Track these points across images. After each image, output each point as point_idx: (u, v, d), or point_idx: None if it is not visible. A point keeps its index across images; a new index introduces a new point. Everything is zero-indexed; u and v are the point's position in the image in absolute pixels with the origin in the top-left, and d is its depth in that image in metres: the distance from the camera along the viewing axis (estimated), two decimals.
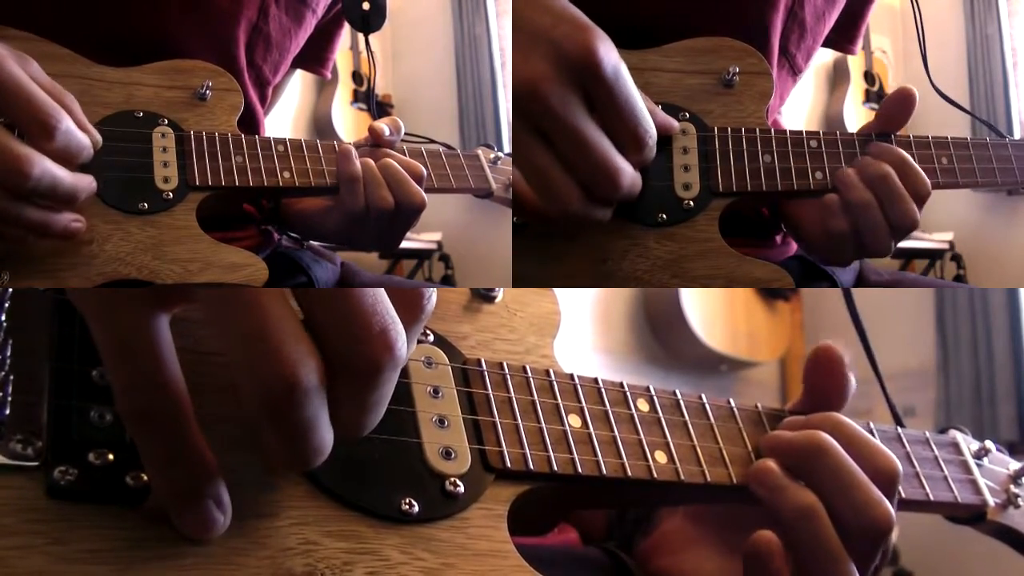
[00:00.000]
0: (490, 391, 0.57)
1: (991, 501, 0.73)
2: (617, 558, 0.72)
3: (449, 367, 0.57)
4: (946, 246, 2.97)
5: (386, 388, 0.45)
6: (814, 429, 0.63)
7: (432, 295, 0.47)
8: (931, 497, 0.70)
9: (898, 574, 2.88)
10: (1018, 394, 2.94)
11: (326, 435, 0.44)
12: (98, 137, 0.73)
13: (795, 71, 0.85)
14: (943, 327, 3.12)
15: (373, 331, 0.43)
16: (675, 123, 0.71)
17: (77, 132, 0.68)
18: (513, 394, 0.58)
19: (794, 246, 0.92)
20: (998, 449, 0.77)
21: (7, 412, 0.44)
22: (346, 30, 1.03)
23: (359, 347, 0.43)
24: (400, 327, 0.44)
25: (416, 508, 0.50)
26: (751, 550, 0.59)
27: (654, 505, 0.75)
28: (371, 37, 0.95)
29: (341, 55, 2.83)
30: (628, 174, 0.63)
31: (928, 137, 0.75)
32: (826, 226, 0.72)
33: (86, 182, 0.71)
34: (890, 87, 3.24)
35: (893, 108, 0.74)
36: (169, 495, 0.44)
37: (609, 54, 0.59)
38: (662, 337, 3.24)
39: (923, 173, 0.72)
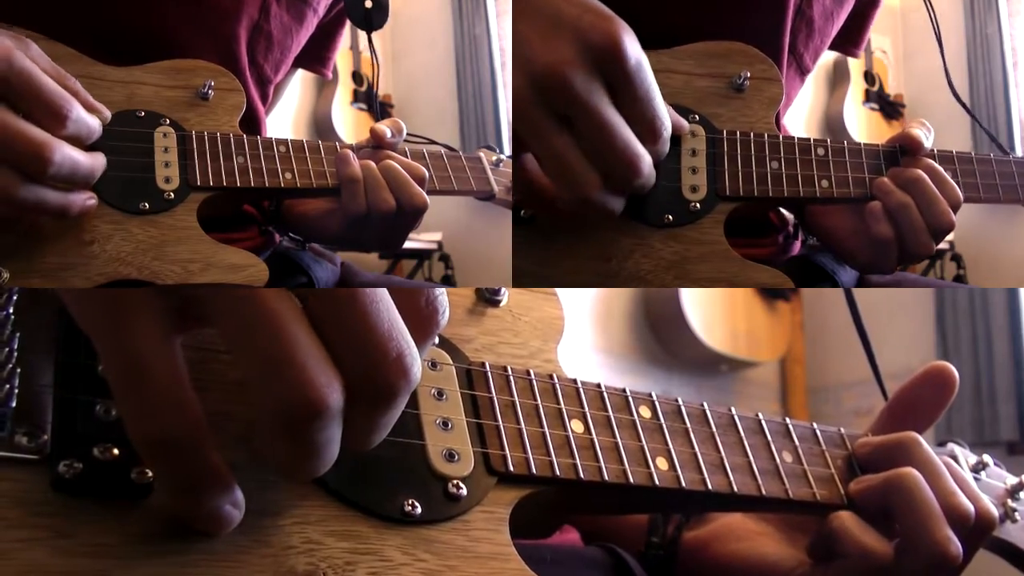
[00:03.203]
0: (494, 395, 0.57)
1: None
2: (618, 557, 0.72)
3: (454, 370, 0.57)
4: (946, 246, 2.97)
5: (398, 410, 0.45)
6: (902, 462, 0.67)
7: (445, 312, 0.47)
8: None
9: None
10: (1018, 394, 2.94)
11: (336, 452, 0.44)
12: (107, 113, 0.74)
13: (803, 71, 0.85)
14: (943, 327, 3.12)
15: (390, 357, 0.43)
16: (685, 124, 0.71)
17: (87, 117, 0.70)
18: (517, 398, 0.58)
19: (796, 247, 0.92)
20: (995, 463, 0.77)
21: (12, 405, 0.44)
22: (346, 30, 1.03)
23: (376, 373, 0.43)
24: (415, 350, 0.44)
25: (418, 509, 0.50)
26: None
27: (655, 511, 0.75)
28: (372, 35, 0.95)
29: (341, 55, 2.82)
30: (648, 162, 0.63)
31: (933, 150, 0.75)
32: (870, 233, 0.73)
33: (101, 161, 0.73)
34: (890, 87, 3.24)
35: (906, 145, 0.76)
36: (189, 516, 0.44)
37: (633, 45, 0.60)
38: (662, 337, 3.25)
39: (952, 181, 0.73)
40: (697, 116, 0.72)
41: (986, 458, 0.77)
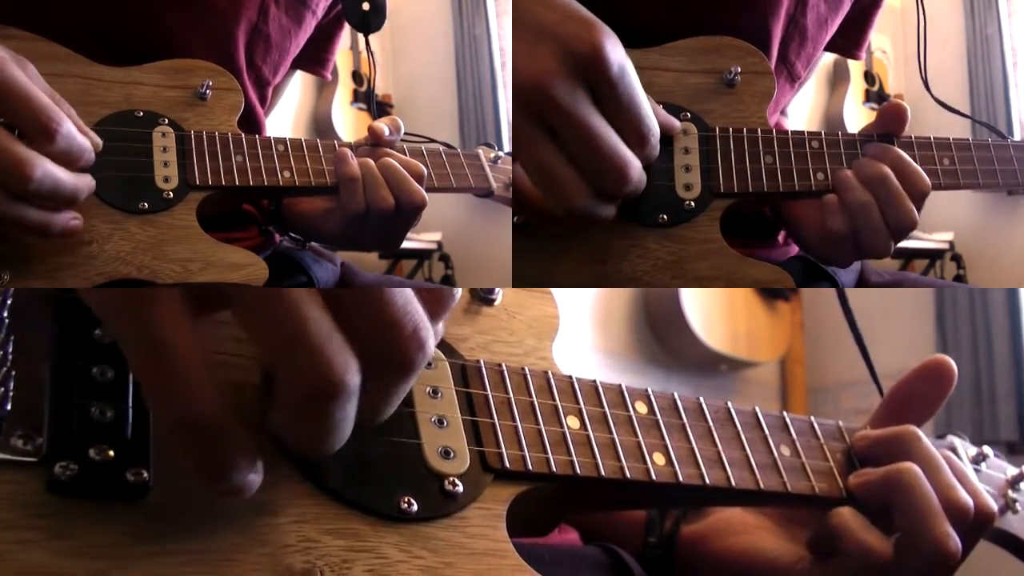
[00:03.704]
0: (489, 392, 0.57)
1: None
2: (616, 556, 0.72)
3: (448, 368, 0.57)
4: (946, 246, 2.97)
5: (411, 383, 0.46)
6: (901, 455, 0.67)
7: (456, 291, 0.49)
8: None
9: None
10: (1018, 394, 2.94)
11: (350, 429, 0.45)
12: (98, 140, 0.73)
13: (794, 78, 0.85)
14: (943, 327, 3.12)
15: (406, 331, 0.44)
16: (677, 123, 0.71)
17: (77, 135, 0.69)
18: (512, 395, 0.58)
19: (797, 246, 0.92)
20: (995, 454, 0.77)
21: (8, 408, 0.45)
22: (346, 30, 1.03)
23: (393, 346, 0.44)
24: (428, 323, 0.45)
25: (415, 507, 0.51)
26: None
27: (653, 507, 0.75)
28: (371, 37, 0.95)
29: (341, 55, 2.83)
30: (637, 168, 0.63)
31: (930, 138, 0.75)
32: (825, 226, 0.72)
33: (86, 182, 0.72)
34: (890, 87, 3.24)
35: (888, 120, 0.74)
36: (219, 493, 0.45)
37: (615, 51, 0.60)
38: (662, 337, 3.24)
39: (921, 171, 0.72)
40: (689, 113, 0.72)
41: (986, 449, 0.76)
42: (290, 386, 0.43)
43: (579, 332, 3.03)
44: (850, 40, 0.93)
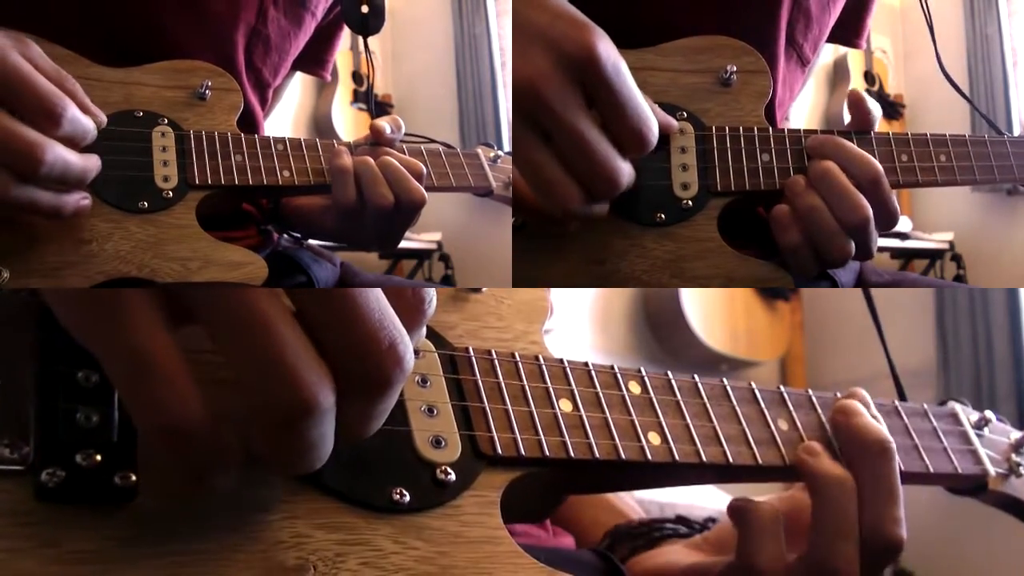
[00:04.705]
0: (478, 378, 0.57)
1: (992, 471, 0.73)
2: (611, 561, 0.73)
3: (436, 356, 0.57)
4: (946, 246, 2.98)
5: (393, 399, 0.45)
6: (865, 464, 0.65)
7: (432, 299, 0.47)
8: (931, 469, 0.69)
9: (898, 574, 2.88)
10: (1018, 394, 2.94)
11: (330, 447, 0.44)
12: (103, 117, 0.74)
13: (804, 61, 0.84)
14: (943, 327, 3.11)
15: (382, 346, 0.43)
16: (674, 122, 0.71)
17: (81, 117, 0.69)
18: (502, 380, 0.57)
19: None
20: (998, 419, 0.76)
21: None
22: (346, 31, 1.04)
23: (369, 363, 0.43)
24: (406, 337, 0.44)
25: (407, 498, 0.50)
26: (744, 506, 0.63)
27: (649, 487, 0.75)
28: (371, 37, 0.95)
29: (341, 55, 2.83)
30: (627, 174, 0.63)
31: (926, 135, 0.74)
32: (779, 241, 0.70)
33: (94, 162, 0.72)
34: (890, 87, 3.24)
35: (854, 113, 0.74)
36: (199, 495, 0.45)
37: (608, 51, 0.59)
38: (662, 337, 3.24)
39: (866, 155, 0.70)
40: (685, 113, 0.72)
41: (988, 414, 0.75)
42: (262, 407, 0.42)
43: (579, 332, 3.03)
44: (850, 28, 0.93)
